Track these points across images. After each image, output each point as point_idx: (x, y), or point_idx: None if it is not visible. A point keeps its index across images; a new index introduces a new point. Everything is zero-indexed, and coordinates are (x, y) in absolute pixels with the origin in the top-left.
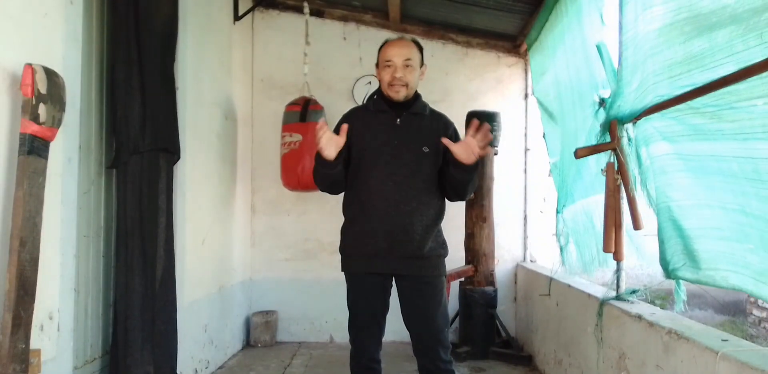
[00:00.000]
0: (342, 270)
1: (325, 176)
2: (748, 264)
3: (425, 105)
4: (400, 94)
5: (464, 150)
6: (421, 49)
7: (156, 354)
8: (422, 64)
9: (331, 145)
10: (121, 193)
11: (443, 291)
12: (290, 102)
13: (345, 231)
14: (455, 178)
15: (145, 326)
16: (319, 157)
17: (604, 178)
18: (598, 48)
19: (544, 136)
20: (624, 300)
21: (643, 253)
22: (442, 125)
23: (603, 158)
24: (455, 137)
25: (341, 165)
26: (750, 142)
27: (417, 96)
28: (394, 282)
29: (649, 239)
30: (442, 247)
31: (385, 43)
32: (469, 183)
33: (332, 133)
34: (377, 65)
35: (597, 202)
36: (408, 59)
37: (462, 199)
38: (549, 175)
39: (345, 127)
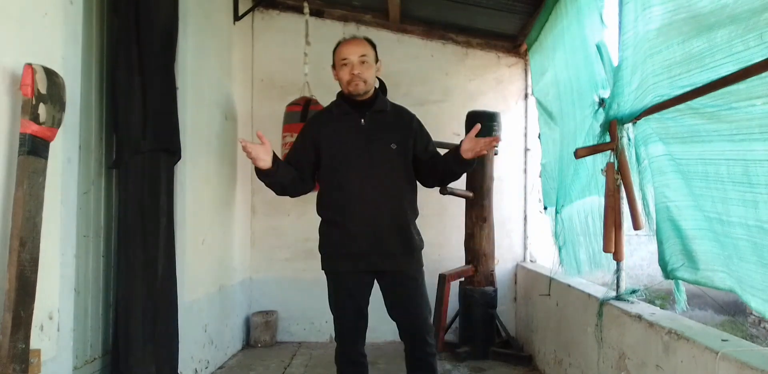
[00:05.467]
0: (323, 270)
1: (274, 184)
2: (731, 270)
3: (385, 100)
4: (359, 87)
5: (474, 145)
6: (374, 46)
7: (158, 355)
8: (377, 60)
9: (262, 155)
10: (122, 193)
11: (424, 281)
12: (291, 102)
13: (325, 232)
14: (453, 171)
15: (147, 326)
16: (258, 171)
17: (600, 179)
18: (598, 48)
19: (539, 137)
20: (624, 300)
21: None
22: (406, 118)
23: (601, 159)
24: (419, 128)
25: (281, 168)
26: (745, 143)
27: (377, 93)
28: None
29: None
30: (420, 241)
31: (338, 44)
32: (461, 175)
33: (255, 144)
34: (333, 67)
35: (594, 203)
36: (363, 55)
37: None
38: (539, 176)
39: (259, 133)
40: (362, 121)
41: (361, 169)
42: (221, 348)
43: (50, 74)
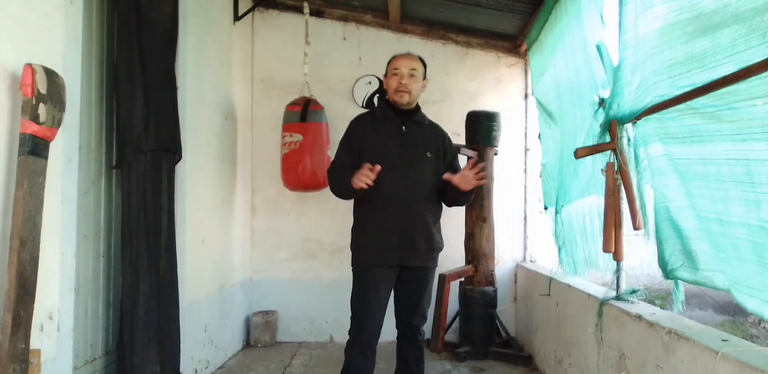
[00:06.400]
0: (354, 265)
1: (345, 195)
2: (726, 270)
3: (424, 115)
4: (403, 98)
5: (462, 181)
6: (425, 64)
7: (161, 354)
8: (425, 77)
9: (366, 180)
10: (125, 193)
11: (434, 279)
12: (290, 102)
13: (359, 229)
14: (457, 198)
15: (151, 326)
16: (349, 184)
17: (599, 179)
18: (598, 48)
19: (539, 137)
20: (624, 300)
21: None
22: (440, 135)
23: (601, 159)
24: (450, 146)
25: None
26: (747, 143)
27: (418, 107)
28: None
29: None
30: (441, 242)
31: (394, 57)
32: (468, 199)
33: (369, 172)
34: (385, 75)
35: (593, 203)
36: (413, 69)
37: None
38: (539, 176)
39: (378, 168)
40: (403, 127)
41: (398, 171)
42: (221, 348)
43: (50, 74)
